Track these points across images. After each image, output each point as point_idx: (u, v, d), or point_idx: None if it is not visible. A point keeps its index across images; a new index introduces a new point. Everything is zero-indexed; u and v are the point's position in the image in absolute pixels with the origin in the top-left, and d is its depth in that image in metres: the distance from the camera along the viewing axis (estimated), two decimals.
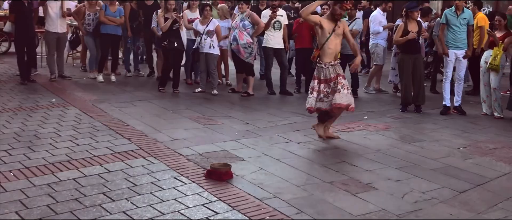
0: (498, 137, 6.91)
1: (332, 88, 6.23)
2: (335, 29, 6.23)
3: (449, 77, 8.24)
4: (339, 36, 6.31)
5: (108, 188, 4.59)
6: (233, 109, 7.99)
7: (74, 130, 6.39)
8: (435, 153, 6.03)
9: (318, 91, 6.28)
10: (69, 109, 7.47)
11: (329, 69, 6.23)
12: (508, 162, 5.80)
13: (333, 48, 6.25)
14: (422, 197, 4.68)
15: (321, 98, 6.29)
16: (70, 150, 5.61)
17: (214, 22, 9.01)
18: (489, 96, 8.10)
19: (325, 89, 6.25)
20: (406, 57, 8.17)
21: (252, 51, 9.07)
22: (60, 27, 9.62)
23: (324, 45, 6.23)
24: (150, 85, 9.48)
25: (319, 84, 6.29)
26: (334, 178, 5.08)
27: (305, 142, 6.34)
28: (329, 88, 6.24)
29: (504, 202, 4.65)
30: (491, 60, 7.89)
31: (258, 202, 4.43)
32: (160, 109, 7.76)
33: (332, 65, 6.25)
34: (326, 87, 6.25)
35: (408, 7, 8.33)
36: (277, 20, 9.12)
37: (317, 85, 6.30)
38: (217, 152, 5.74)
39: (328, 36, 6.20)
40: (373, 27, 9.68)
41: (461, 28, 8.04)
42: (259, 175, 5.10)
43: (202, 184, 4.76)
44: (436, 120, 7.78)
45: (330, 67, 6.24)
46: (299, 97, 9.20)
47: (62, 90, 8.77)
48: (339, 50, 6.46)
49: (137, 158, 5.40)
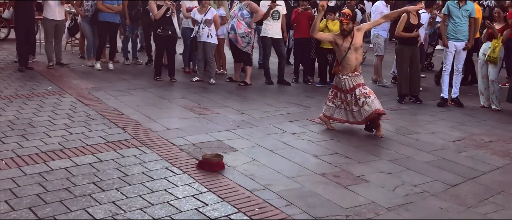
0: (494, 129, 6.88)
1: (351, 99, 6.28)
2: (352, 44, 6.25)
3: (448, 69, 8.19)
4: (358, 49, 6.32)
5: (99, 178, 4.59)
6: (230, 99, 7.98)
7: (69, 118, 6.39)
8: (430, 145, 6.02)
9: (340, 99, 6.40)
10: (65, 97, 7.47)
11: (346, 80, 6.30)
12: (503, 155, 5.78)
13: (352, 62, 6.30)
14: (413, 190, 4.67)
15: (339, 105, 6.41)
16: (63, 139, 5.61)
17: (212, 11, 8.97)
18: (487, 88, 8.06)
19: (344, 97, 6.35)
20: (405, 49, 8.15)
21: (250, 40, 9.04)
22: (58, 15, 9.58)
23: (343, 60, 6.30)
24: (148, 73, 9.46)
25: (338, 93, 6.42)
26: (326, 170, 5.07)
27: (300, 133, 6.32)
28: (348, 98, 6.30)
29: (495, 196, 4.64)
30: (489, 52, 7.84)
31: (248, 194, 4.43)
32: (156, 98, 7.75)
33: (350, 77, 6.29)
34: (345, 97, 6.34)
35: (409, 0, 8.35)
36: (276, 10, 9.07)
37: (336, 94, 6.43)
38: (210, 142, 5.73)
39: (345, 53, 6.27)
40: (374, 18, 9.60)
41: (463, 20, 7.98)
42: (251, 166, 5.09)
43: (193, 175, 4.76)
44: (433, 111, 7.74)
45: (348, 79, 6.29)
46: (296, 87, 9.19)
47: (59, 78, 8.77)
48: (360, 62, 6.46)
49: (129, 148, 5.40)
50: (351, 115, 6.35)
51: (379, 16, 9.51)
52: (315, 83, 9.47)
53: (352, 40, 6.26)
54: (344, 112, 6.41)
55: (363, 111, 6.19)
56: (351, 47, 6.25)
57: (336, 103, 6.44)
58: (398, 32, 8.09)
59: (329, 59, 9.13)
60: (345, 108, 6.38)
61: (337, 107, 6.45)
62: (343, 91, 6.35)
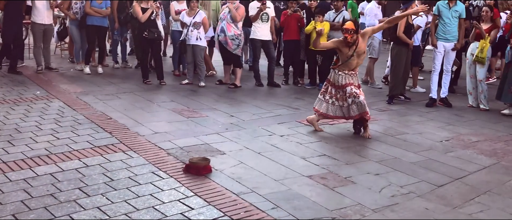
0: (482, 129, 6.91)
1: (342, 95, 6.31)
2: (355, 52, 6.25)
3: (437, 69, 8.23)
4: (361, 55, 6.34)
5: (85, 183, 4.57)
6: (219, 101, 7.97)
7: (56, 123, 6.35)
8: (417, 146, 6.03)
9: (329, 94, 6.40)
10: (53, 102, 7.43)
11: (341, 76, 6.31)
12: (489, 155, 5.81)
13: (353, 65, 6.34)
14: (400, 191, 4.68)
15: (333, 102, 6.40)
16: (50, 144, 5.58)
17: (201, 13, 8.96)
18: (475, 88, 8.10)
19: (336, 93, 6.36)
20: (403, 50, 8.23)
21: (240, 43, 9.04)
22: (47, 19, 9.54)
23: (345, 62, 6.32)
24: (137, 77, 9.43)
25: (330, 87, 6.43)
26: (313, 172, 5.07)
27: (288, 135, 6.32)
28: (339, 94, 6.34)
29: (481, 196, 4.66)
30: (477, 53, 7.88)
31: (234, 197, 4.42)
32: (145, 101, 7.73)
33: (346, 74, 6.30)
34: (336, 92, 6.36)
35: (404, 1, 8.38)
36: (265, 12, 9.08)
37: (327, 88, 6.44)
38: (198, 146, 5.72)
39: (348, 59, 6.28)
40: (368, 20, 9.62)
41: (452, 21, 8.02)
42: (239, 169, 5.09)
43: (179, 179, 4.75)
44: (421, 112, 7.77)
45: (342, 75, 6.30)
46: (286, 89, 9.20)
47: (47, 83, 8.72)
48: (360, 64, 6.48)
49: (116, 152, 5.38)
50: (339, 110, 6.36)
51: (374, 18, 9.57)
52: (305, 85, 9.48)
53: (356, 48, 6.26)
54: (331, 107, 6.39)
55: (351, 109, 6.25)
56: (355, 54, 6.27)
57: (326, 97, 6.44)
58: (400, 33, 8.12)
59: (318, 61, 9.15)
60: (333, 103, 6.38)
61: (325, 102, 6.43)
62: (335, 87, 6.36)
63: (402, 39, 8.16)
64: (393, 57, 8.39)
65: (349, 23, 6.28)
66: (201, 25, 8.90)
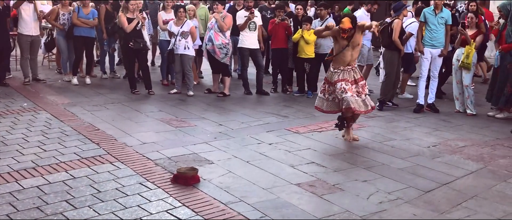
0: (469, 134, 6.96)
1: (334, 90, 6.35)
2: (350, 42, 6.24)
3: (424, 75, 8.29)
4: (356, 47, 6.31)
5: (72, 195, 4.54)
6: (208, 110, 7.96)
7: (43, 135, 6.31)
8: (405, 152, 6.07)
9: (328, 92, 6.45)
10: (40, 113, 7.38)
11: (336, 73, 6.31)
12: (476, 160, 5.85)
13: (346, 58, 6.29)
14: (387, 198, 4.69)
15: (327, 98, 6.46)
16: (36, 156, 5.54)
17: (189, 23, 8.97)
18: (462, 93, 8.17)
19: (329, 88, 6.42)
20: (396, 55, 8.35)
21: (228, 51, 9.06)
22: (34, 30, 9.51)
23: (338, 55, 6.32)
24: (125, 87, 9.40)
25: (327, 85, 6.47)
26: (301, 180, 5.08)
27: (277, 143, 6.33)
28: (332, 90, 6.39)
29: (468, 201, 4.69)
30: (463, 58, 7.96)
31: (223, 207, 4.41)
32: (132, 112, 7.71)
33: (341, 71, 6.29)
34: (329, 88, 6.43)
35: (395, 9, 8.46)
36: (252, 21, 9.11)
37: (325, 86, 6.49)
38: (186, 156, 5.71)
39: (342, 49, 6.27)
40: None
41: (439, 27, 8.09)
42: (227, 178, 5.08)
43: (167, 189, 4.73)
44: (409, 118, 7.82)
45: (338, 72, 6.30)
46: (275, 97, 9.21)
47: (35, 94, 8.67)
48: (355, 58, 6.41)
49: (104, 164, 5.35)
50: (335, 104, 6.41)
51: None
52: (293, 92, 9.51)
53: (352, 37, 6.22)
54: (332, 103, 6.44)
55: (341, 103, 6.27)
56: (350, 45, 6.24)
57: (325, 96, 6.48)
58: (395, 38, 8.20)
59: (306, 69, 9.19)
60: (334, 99, 6.41)
61: (325, 100, 6.48)
62: (330, 84, 6.39)
63: (397, 44, 8.24)
64: (386, 63, 8.46)
65: (346, 21, 6.17)
66: (189, 34, 8.91)
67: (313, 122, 7.38)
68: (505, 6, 7.85)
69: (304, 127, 7.10)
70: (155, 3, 10.99)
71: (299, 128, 7.01)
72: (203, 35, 9.43)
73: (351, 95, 6.19)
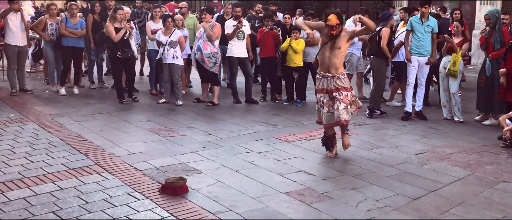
0: (457, 141, 7.01)
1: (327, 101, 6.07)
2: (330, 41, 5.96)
3: (411, 83, 8.36)
4: (335, 50, 5.94)
5: (59, 207, 4.49)
6: (197, 120, 7.95)
7: (30, 146, 6.26)
8: (393, 159, 6.09)
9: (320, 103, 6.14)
10: (27, 124, 7.32)
11: (317, 81, 6.17)
12: (464, 166, 5.89)
13: (325, 60, 6.01)
14: (376, 205, 4.70)
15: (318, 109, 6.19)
16: (23, 168, 5.48)
17: (177, 32, 8.98)
18: (449, 101, 8.24)
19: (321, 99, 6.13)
20: (383, 63, 8.45)
21: (217, 61, 9.07)
22: (21, 40, 9.45)
23: (319, 55, 6.13)
24: (113, 97, 9.36)
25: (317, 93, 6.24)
26: (290, 188, 5.08)
27: (266, 151, 6.33)
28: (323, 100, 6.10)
29: (456, 208, 4.71)
30: (449, 66, 8.03)
31: (211, 217, 4.39)
32: (121, 122, 7.67)
33: (321, 77, 6.06)
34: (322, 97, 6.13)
35: (382, 18, 8.54)
36: (241, 30, 9.14)
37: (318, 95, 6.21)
38: (174, 165, 5.68)
39: (322, 46, 6.04)
40: None
41: (425, 35, 8.17)
42: (216, 188, 5.06)
43: (155, 200, 4.70)
44: (397, 125, 7.86)
45: (318, 79, 6.12)
46: (264, 106, 9.23)
47: (22, 105, 8.60)
48: (334, 65, 5.98)
49: (91, 174, 5.31)
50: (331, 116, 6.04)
51: None
52: (282, 101, 9.53)
53: (334, 39, 5.96)
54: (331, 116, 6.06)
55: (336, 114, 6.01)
56: (328, 43, 5.97)
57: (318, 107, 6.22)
58: (384, 45, 8.29)
59: (295, 77, 9.22)
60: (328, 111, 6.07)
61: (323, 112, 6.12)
62: (317, 91, 6.20)
63: (385, 51, 8.33)
64: (375, 71, 8.55)
65: (333, 17, 5.90)
66: (177, 44, 8.91)
67: (302, 130, 7.40)
68: (493, 13, 7.94)
69: (293, 135, 7.11)
70: (144, 12, 11.00)
71: (288, 136, 7.02)
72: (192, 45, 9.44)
73: (344, 108, 5.97)
